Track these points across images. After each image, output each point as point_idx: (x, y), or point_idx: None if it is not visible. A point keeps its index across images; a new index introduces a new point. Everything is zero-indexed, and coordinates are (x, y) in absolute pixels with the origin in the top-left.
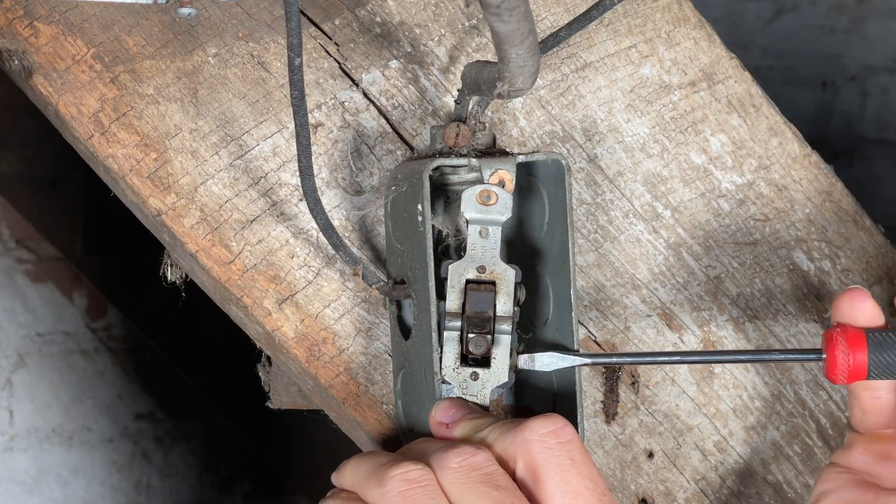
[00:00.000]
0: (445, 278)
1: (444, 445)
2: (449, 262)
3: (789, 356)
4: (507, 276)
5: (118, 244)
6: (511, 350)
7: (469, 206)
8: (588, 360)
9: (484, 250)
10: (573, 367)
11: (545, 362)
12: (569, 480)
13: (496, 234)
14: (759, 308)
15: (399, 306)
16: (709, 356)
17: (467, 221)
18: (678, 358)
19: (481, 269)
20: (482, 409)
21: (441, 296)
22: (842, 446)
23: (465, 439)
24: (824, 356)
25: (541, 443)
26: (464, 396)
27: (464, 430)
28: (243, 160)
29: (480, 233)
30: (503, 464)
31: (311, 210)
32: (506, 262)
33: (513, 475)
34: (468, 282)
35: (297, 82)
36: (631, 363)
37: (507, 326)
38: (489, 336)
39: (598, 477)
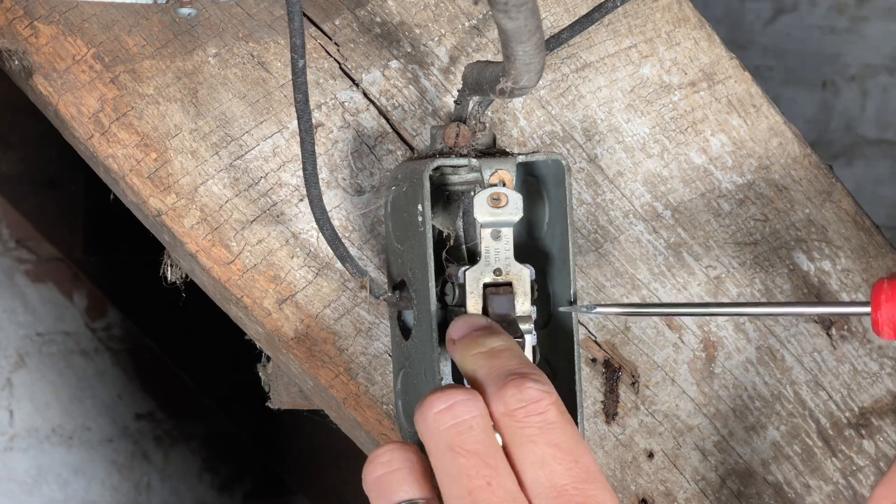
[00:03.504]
0: (463, 284)
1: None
2: (466, 269)
3: (835, 309)
4: (522, 276)
5: (118, 244)
6: (534, 348)
7: (481, 211)
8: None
9: (498, 253)
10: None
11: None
12: (535, 450)
13: (508, 236)
14: None
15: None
16: (742, 307)
17: (481, 225)
18: (713, 309)
19: (497, 271)
20: (494, 325)
21: (441, 296)
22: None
23: (463, 360)
24: (868, 311)
25: (510, 417)
26: None
27: (463, 349)
28: (243, 160)
29: (492, 235)
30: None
31: (318, 220)
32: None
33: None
34: (486, 286)
35: (301, 84)
36: (657, 314)
37: (528, 326)
38: (520, 339)
39: (570, 444)
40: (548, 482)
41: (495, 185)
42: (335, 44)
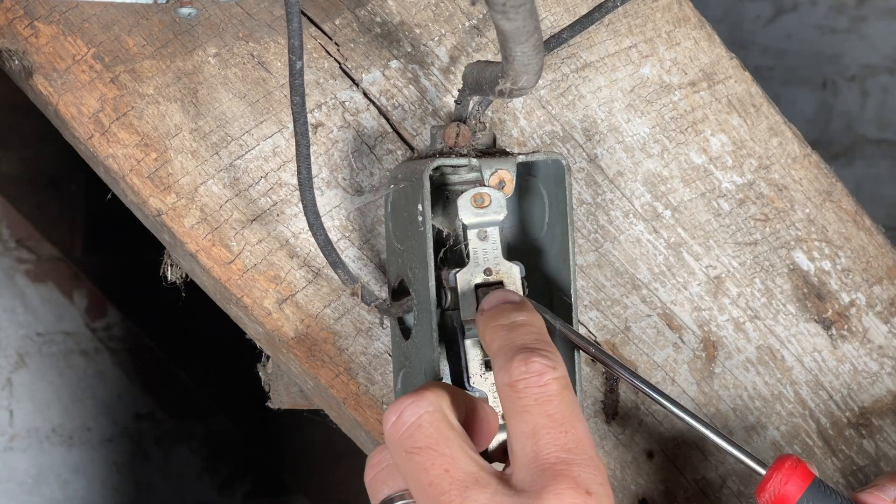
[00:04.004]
0: (454, 287)
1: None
2: (456, 272)
3: (738, 452)
4: (512, 273)
5: (118, 244)
6: None
7: (465, 212)
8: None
9: (486, 252)
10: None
11: None
12: (527, 420)
13: (495, 235)
14: (759, 308)
15: None
16: (673, 405)
17: (465, 227)
18: (639, 383)
19: (487, 271)
20: (525, 301)
21: (441, 297)
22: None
23: (484, 330)
24: (764, 473)
25: (511, 387)
26: (496, 399)
27: (486, 320)
28: (243, 160)
29: (479, 236)
30: None
31: (311, 226)
32: (508, 260)
33: None
34: (477, 286)
35: (298, 87)
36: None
37: None
38: None
39: (563, 415)
40: (532, 452)
41: (485, 186)
42: (335, 44)
